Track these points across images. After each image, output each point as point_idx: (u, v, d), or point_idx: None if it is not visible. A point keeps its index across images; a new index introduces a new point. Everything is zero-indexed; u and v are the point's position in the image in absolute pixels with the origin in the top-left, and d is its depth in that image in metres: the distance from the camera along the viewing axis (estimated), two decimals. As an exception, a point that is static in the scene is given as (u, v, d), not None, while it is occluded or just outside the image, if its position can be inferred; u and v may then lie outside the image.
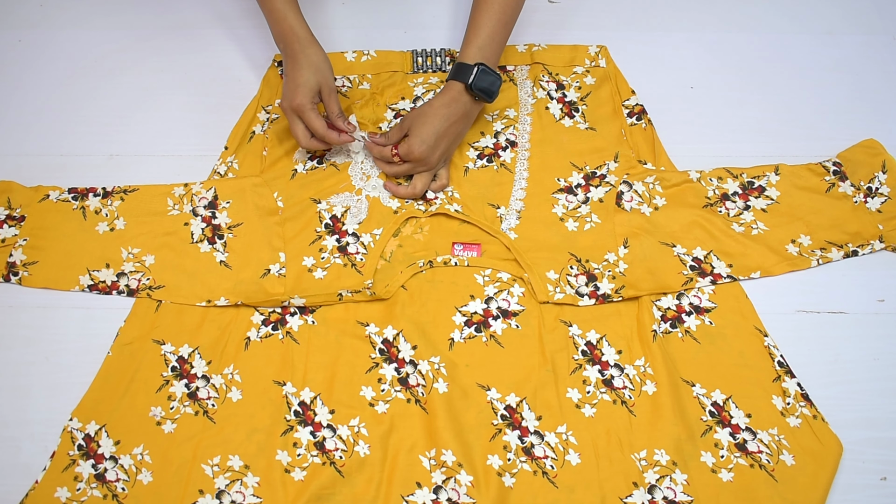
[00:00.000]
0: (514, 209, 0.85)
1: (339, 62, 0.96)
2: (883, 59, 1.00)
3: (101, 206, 0.86)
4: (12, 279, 0.83)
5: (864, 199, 0.85)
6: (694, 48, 1.01)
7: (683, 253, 0.83)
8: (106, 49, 1.03)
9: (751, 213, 0.85)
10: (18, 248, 0.83)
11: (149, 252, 0.83)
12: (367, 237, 0.83)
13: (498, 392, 0.76)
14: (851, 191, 0.86)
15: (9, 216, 0.86)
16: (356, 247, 0.83)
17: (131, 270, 0.82)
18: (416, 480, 0.71)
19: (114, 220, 0.85)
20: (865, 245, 0.83)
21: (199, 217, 0.85)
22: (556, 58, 0.97)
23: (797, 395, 0.75)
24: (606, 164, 0.88)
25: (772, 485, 0.70)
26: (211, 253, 0.83)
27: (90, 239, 0.84)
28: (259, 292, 0.80)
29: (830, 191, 0.86)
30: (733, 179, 0.87)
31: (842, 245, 0.83)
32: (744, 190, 0.86)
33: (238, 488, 0.71)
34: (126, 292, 0.81)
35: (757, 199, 0.86)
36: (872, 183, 0.86)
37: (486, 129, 0.91)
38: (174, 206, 0.86)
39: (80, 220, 0.85)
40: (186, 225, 0.85)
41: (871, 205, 0.85)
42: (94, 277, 0.82)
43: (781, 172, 0.87)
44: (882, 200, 0.85)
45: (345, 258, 0.82)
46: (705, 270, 0.81)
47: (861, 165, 0.87)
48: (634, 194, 0.86)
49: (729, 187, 0.86)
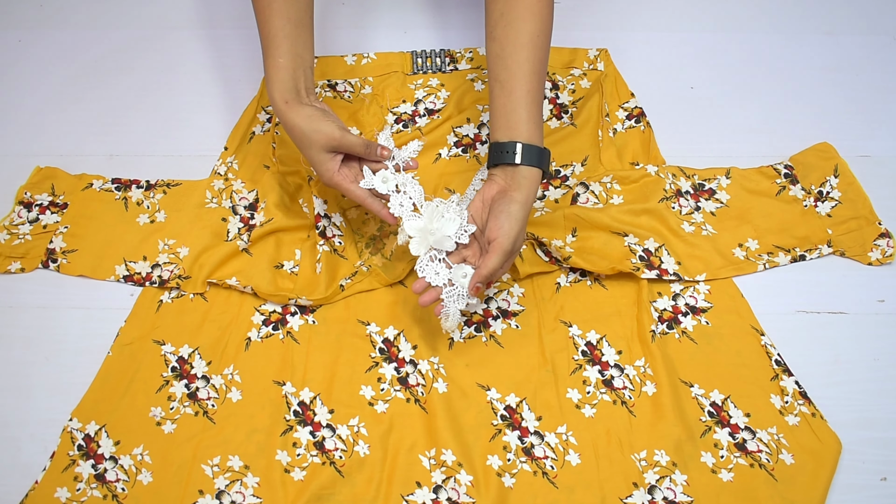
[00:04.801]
0: (468, 197, 0.78)
1: (340, 66, 0.96)
2: (883, 59, 1.00)
3: (143, 197, 0.87)
4: (51, 265, 0.83)
5: (814, 202, 0.85)
6: (694, 48, 1.02)
7: (634, 243, 0.82)
8: (106, 49, 1.03)
9: (700, 214, 0.85)
10: (59, 235, 0.84)
11: (183, 244, 0.84)
12: (338, 217, 0.84)
13: (498, 392, 0.76)
14: (802, 194, 0.85)
15: (52, 202, 0.87)
16: (332, 230, 0.83)
17: (165, 262, 0.83)
18: (415, 480, 0.71)
19: (155, 212, 0.86)
20: (814, 249, 0.83)
21: (237, 216, 0.85)
22: (557, 60, 0.97)
23: (795, 394, 0.75)
24: (573, 166, 0.88)
25: (772, 484, 0.70)
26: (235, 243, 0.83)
27: (130, 230, 0.85)
28: (268, 282, 0.80)
29: (780, 194, 0.86)
30: (686, 179, 0.87)
31: (789, 249, 0.83)
32: (695, 191, 0.86)
33: (238, 488, 0.71)
34: (158, 283, 0.82)
35: (707, 201, 0.86)
36: (823, 187, 0.85)
37: (474, 118, 0.91)
38: (212, 198, 0.87)
39: (121, 210, 0.86)
40: (224, 220, 0.85)
41: (820, 209, 0.84)
42: (130, 269, 0.83)
43: (732, 175, 0.87)
44: (832, 205, 0.84)
45: (329, 243, 0.82)
46: (653, 263, 0.81)
47: (813, 169, 0.86)
48: (591, 195, 0.86)
49: (682, 185, 0.87)
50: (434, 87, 0.95)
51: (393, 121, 0.93)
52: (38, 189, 0.88)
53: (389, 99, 0.94)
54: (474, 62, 0.97)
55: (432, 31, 1.03)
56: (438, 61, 0.97)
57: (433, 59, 0.97)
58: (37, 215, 0.86)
